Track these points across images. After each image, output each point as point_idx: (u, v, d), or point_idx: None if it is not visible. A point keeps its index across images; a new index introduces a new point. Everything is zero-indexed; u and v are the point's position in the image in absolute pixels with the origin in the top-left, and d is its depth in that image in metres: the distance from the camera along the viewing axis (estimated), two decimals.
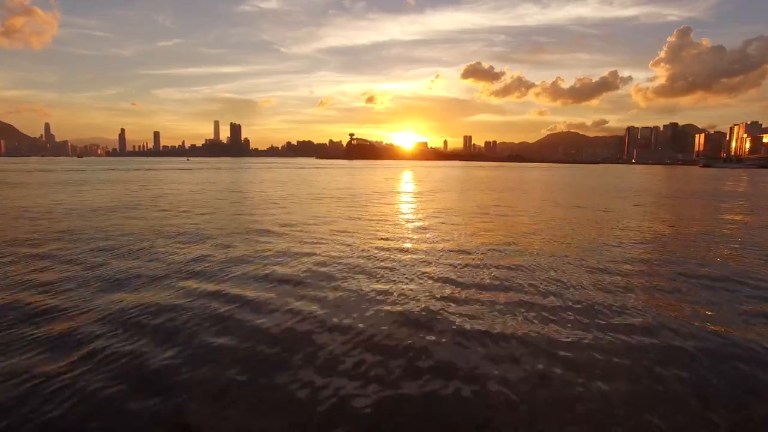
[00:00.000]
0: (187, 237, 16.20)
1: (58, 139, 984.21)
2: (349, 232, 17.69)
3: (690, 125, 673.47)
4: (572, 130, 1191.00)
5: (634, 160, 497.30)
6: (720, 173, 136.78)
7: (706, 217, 24.61)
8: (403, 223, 20.90)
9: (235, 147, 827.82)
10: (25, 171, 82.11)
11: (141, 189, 40.09)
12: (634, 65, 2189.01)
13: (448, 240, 16.19)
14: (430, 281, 10.79)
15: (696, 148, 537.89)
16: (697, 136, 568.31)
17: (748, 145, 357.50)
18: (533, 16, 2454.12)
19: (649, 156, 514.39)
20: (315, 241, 15.75)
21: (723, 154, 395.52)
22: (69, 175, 67.11)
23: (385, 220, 21.30)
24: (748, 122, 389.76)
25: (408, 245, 15.27)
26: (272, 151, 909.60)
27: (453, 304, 9.11)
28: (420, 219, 22.08)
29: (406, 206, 27.83)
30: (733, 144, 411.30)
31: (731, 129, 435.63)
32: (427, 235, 17.16)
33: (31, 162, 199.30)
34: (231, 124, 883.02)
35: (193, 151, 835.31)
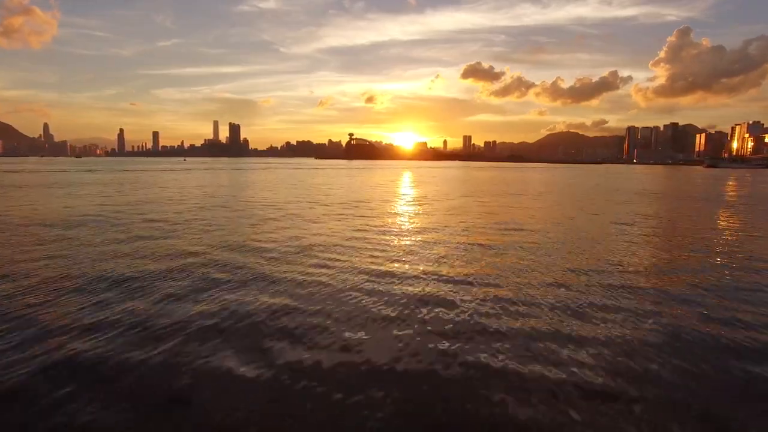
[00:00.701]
0: (123, 267, 12.90)
1: (57, 139, 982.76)
2: (335, 264, 14.30)
3: (689, 125, 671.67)
4: (572, 130, 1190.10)
5: (635, 161, 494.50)
6: (726, 173, 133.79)
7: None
8: (407, 248, 15.73)
9: (234, 147, 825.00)
10: (12, 172, 78.87)
11: (117, 194, 36.78)
12: (633, 65, 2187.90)
13: (465, 279, 12.42)
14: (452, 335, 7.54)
15: (697, 148, 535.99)
16: (697, 136, 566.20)
17: (750, 145, 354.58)
18: (532, 16, 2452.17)
19: (650, 156, 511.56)
20: (283, 278, 12.43)
21: (725, 154, 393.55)
22: (54, 176, 63.84)
23: (385, 243, 17.95)
24: (750, 122, 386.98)
25: (414, 287, 11.26)
26: (271, 151, 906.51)
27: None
28: (428, 243, 16.62)
29: (409, 219, 23.52)
30: (735, 144, 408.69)
31: (732, 129, 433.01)
32: (443, 269, 12.70)
33: (28, 162, 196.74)
34: (230, 124, 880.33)
35: (193, 151, 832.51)
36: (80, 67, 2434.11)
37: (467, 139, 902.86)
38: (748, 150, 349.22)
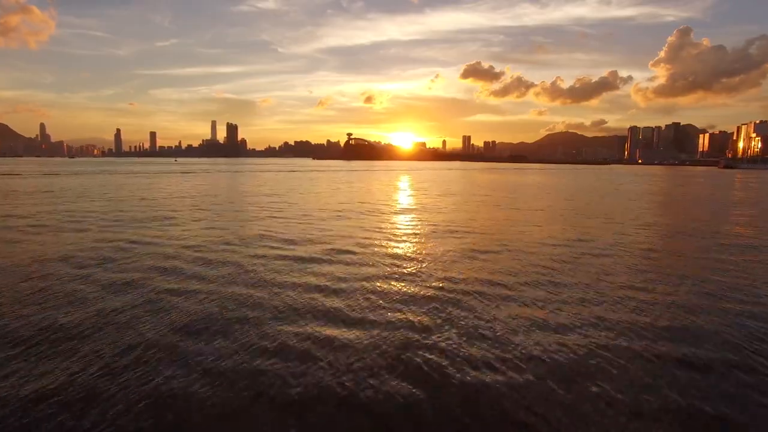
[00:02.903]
0: None
1: (54, 139, 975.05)
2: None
3: (689, 125, 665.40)
4: (571, 131, 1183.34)
5: (639, 161, 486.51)
6: (754, 175, 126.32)
7: None
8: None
9: (232, 147, 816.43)
10: None
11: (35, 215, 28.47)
12: (631, 65, 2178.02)
13: None
14: None
15: (700, 149, 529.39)
16: (701, 136, 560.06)
17: (759, 146, 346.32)
18: (531, 16, 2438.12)
19: (655, 156, 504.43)
20: None
21: (729, 154, 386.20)
22: (23, 180, 55.64)
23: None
24: (758, 121, 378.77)
25: None
26: (270, 152, 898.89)
27: None
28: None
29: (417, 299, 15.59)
30: (741, 144, 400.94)
31: (738, 129, 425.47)
32: None
33: (19, 163, 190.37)
34: (227, 124, 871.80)
35: (190, 152, 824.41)
36: (78, 67, 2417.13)
37: (467, 140, 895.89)
38: (757, 150, 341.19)
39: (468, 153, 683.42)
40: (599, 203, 37.88)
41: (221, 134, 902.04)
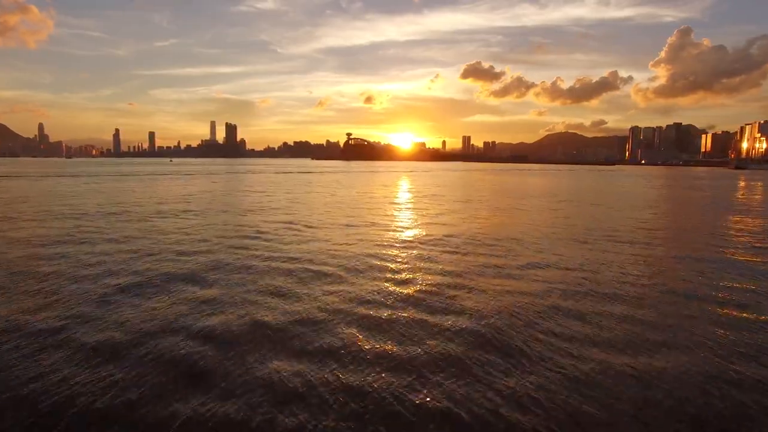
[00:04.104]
0: None
1: (52, 139, 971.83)
2: None
3: (689, 125, 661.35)
4: (570, 131, 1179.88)
5: (642, 162, 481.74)
6: (757, 174, 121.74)
7: None
8: None
9: (231, 148, 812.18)
10: None
11: None
12: (631, 65, 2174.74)
13: None
14: None
15: (702, 149, 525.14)
16: (703, 136, 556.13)
17: (765, 146, 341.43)
18: (530, 17, 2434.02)
19: (657, 157, 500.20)
20: None
21: (732, 155, 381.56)
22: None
23: None
24: (762, 122, 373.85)
25: None
26: (269, 152, 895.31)
27: None
28: None
29: None
30: (745, 144, 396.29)
31: (742, 129, 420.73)
32: None
33: (19, 163, 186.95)
34: (226, 124, 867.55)
35: (189, 152, 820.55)
36: (76, 67, 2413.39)
37: (466, 140, 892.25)
38: (761, 150, 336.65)
39: (468, 153, 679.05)
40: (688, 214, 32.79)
41: (220, 134, 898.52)
